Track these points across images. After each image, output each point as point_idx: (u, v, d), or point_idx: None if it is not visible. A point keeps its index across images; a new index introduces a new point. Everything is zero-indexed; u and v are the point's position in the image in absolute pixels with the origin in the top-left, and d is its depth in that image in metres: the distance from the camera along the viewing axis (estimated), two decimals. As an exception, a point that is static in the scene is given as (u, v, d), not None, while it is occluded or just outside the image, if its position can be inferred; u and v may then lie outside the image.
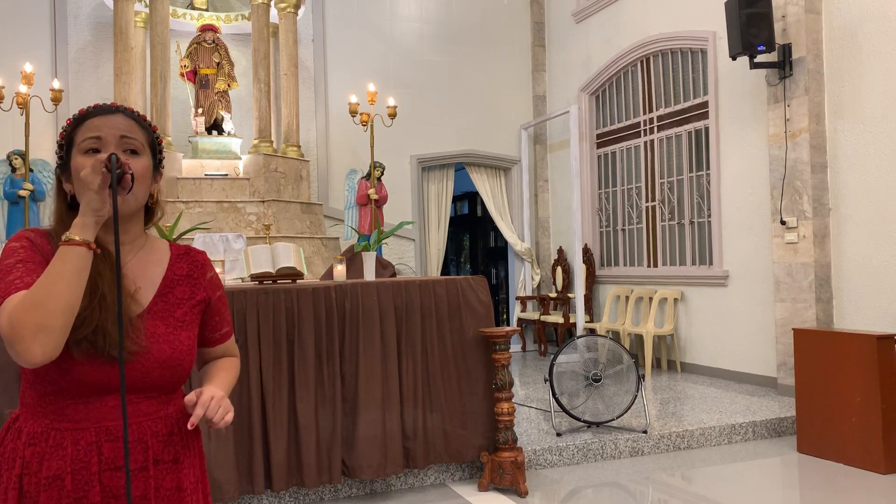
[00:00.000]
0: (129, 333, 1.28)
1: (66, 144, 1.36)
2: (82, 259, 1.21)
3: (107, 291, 1.28)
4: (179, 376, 1.36)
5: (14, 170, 6.23)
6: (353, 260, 4.60)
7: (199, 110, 7.44)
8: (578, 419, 4.59)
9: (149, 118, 1.52)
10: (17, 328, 1.15)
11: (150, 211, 1.46)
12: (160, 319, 1.36)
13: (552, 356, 4.72)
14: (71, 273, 1.19)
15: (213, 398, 1.28)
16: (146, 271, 1.39)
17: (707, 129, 6.82)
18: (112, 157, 1.21)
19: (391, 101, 7.25)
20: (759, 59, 5.64)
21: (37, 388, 1.30)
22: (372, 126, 7.12)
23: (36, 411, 1.30)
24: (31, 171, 6.27)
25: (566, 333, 8.18)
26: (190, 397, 1.28)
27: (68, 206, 1.37)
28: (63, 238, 1.22)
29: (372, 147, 7.18)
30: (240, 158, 7.38)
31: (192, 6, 7.77)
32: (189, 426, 1.26)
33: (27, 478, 1.26)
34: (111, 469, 1.28)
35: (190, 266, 1.46)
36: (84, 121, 1.35)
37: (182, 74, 7.54)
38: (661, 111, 7.47)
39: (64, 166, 1.37)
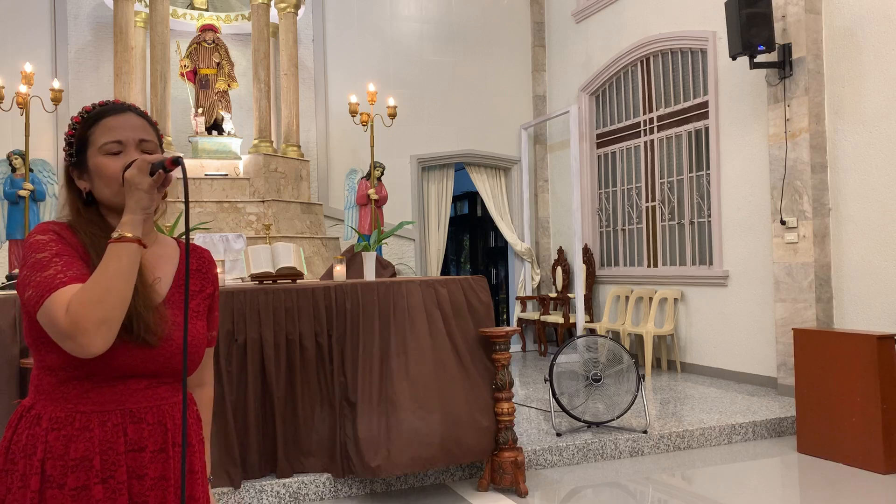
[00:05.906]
0: (157, 320, 1.34)
1: (80, 143, 1.40)
2: (135, 254, 1.28)
3: (137, 280, 1.33)
4: (193, 363, 1.43)
5: (14, 170, 6.22)
6: (353, 260, 4.60)
7: (199, 110, 7.44)
8: (578, 419, 4.59)
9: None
10: (81, 322, 1.20)
11: None
12: (177, 309, 1.41)
13: (552, 356, 4.72)
14: (127, 269, 1.26)
15: None
16: (160, 264, 1.45)
17: (707, 129, 6.81)
18: (156, 163, 1.30)
19: (391, 101, 7.25)
20: (759, 59, 5.64)
21: (57, 375, 1.32)
22: (372, 126, 7.12)
23: (56, 397, 1.33)
24: (31, 171, 6.26)
25: (566, 333, 8.18)
26: None
27: (84, 202, 1.42)
28: (115, 235, 1.27)
29: (372, 147, 7.18)
30: (240, 158, 7.38)
31: (192, 6, 7.77)
32: None
33: (51, 461, 1.29)
34: (135, 450, 1.33)
35: (199, 261, 1.54)
36: (99, 120, 1.39)
37: (182, 74, 7.54)
38: (661, 111, 7.47)
39: (78, 164, 1.41)
